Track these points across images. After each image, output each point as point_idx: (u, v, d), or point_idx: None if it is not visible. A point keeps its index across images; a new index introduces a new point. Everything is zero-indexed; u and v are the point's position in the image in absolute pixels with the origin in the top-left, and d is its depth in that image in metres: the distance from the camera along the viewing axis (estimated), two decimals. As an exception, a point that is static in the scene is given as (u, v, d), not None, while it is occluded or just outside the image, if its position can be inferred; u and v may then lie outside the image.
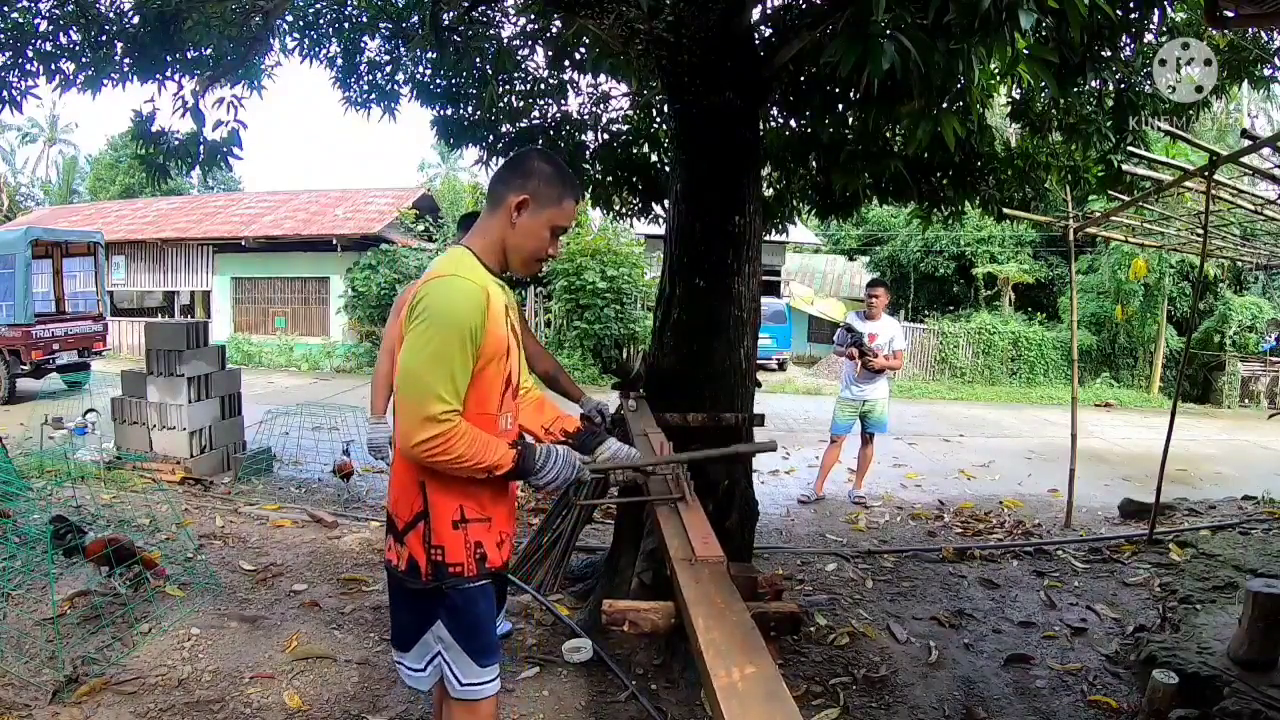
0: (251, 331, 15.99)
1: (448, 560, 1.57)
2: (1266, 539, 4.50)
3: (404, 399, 1.45)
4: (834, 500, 5.70)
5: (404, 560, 1.59)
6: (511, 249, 1.60)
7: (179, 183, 20.85)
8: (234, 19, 3.63)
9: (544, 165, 1.60)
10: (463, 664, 1.63)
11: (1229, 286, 14.64)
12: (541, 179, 1.58)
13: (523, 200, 1.56)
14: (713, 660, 1.09)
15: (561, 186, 1.60)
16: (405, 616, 1.68)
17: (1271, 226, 6.04)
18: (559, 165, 1.63)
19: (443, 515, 1.57)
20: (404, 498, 1.60)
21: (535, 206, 1.57)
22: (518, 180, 1.58)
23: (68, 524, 3.31)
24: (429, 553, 1.57)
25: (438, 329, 1.44)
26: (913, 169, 3.76)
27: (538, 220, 1.58)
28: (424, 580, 1.58)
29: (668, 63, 2.99)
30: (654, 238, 12.46)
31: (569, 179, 1.62)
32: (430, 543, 1.57)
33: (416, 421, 1.43)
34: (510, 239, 1.59)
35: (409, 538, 1.59)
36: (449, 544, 1.57)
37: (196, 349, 5.59)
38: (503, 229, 1.59)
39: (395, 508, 1.62)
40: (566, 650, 2.99)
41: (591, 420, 2.91)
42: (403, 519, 1.60)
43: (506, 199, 1.57)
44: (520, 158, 1.64)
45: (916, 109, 2.36)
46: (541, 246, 1.61)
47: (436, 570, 1.58)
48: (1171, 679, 2.54)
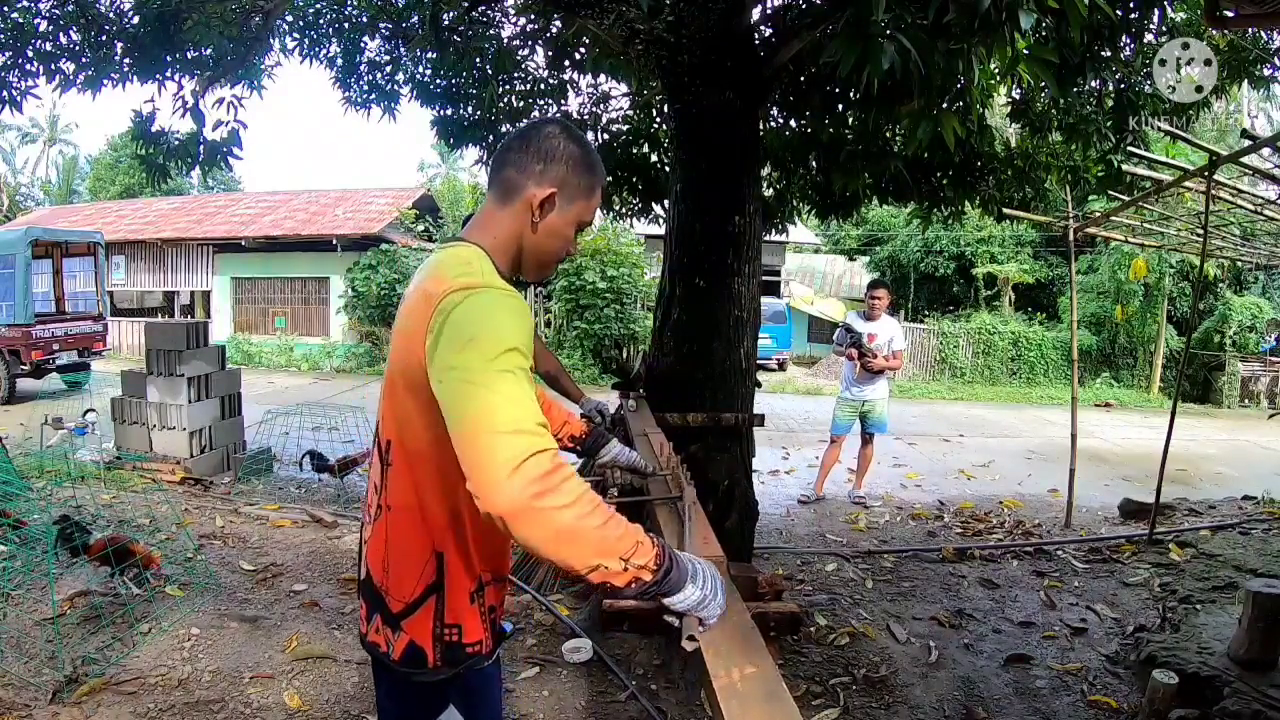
0: (251, 331, 15.98)
1: (465, 640, 1.23)
2: (1266, 539, 4.50)
3: (479, 456, 0.98)
4: (834, 500, 5.70)
5: (399, 649, 1.22)
6: (529, 251, 1.25)
7: (179, 183, 20.85)
8: (234, 19, 3.63)
9: (571, 146, 1.22)
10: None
11: (1229, 286, 14.64)
12: (571, 165, 1.21)
13: (549, 195, 1.20)
14: (712, 660, 1.08)
15: (593, 175, 1.25)
16: (401, 711, 1.31)
17: (1271, 226, 6.04)
18: (586, 144, 1.26)
19: (461, 588, 1.22)
20: (407, 568, 1.21)
21: (563, 202, 1.22)
22: (537, 166, 1.21)
23: (73, 523, 3.32)
24: (441, 634, 1.22)
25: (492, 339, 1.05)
26: (913, 169, 3.76)
27: (565, 218, 1.23)
28: (431, 668, 1.22)
29: (668, 63, 2.99)
30: (654, 238, 12.47)
31: (598, 161, 1.26)
32: (444, 622, 1.22)
33: (505, 472, 0.96)
34: (529, 240, 1.23)
35: (410, 621, 1.22)
36: (467, 621, 1.23)
37: (196, 349, 5.59)
38: (520, 227, 1.22)
39: (389, 582, 1.23)
40: (566, 650, 2.99)
41: (592, 420, 2.91)
42: (402, 598, 1.22)
43: (526, 191, 1.20)
44: (539, 134, 1.23)
45: (916, 109, 2.36)
46: (564, 247, 1.27)
47: (450, 653, 1.22)
48: (1171, 679, 2.54)
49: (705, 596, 1.08)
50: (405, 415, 1.18)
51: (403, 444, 1.20)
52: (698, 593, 1.08)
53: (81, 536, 3.24)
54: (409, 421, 1.17)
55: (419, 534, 1.21)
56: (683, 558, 1.11)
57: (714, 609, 1.09)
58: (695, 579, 1.08)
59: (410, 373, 1.14)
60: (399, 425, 1.20)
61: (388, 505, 1.23)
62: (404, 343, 1.16)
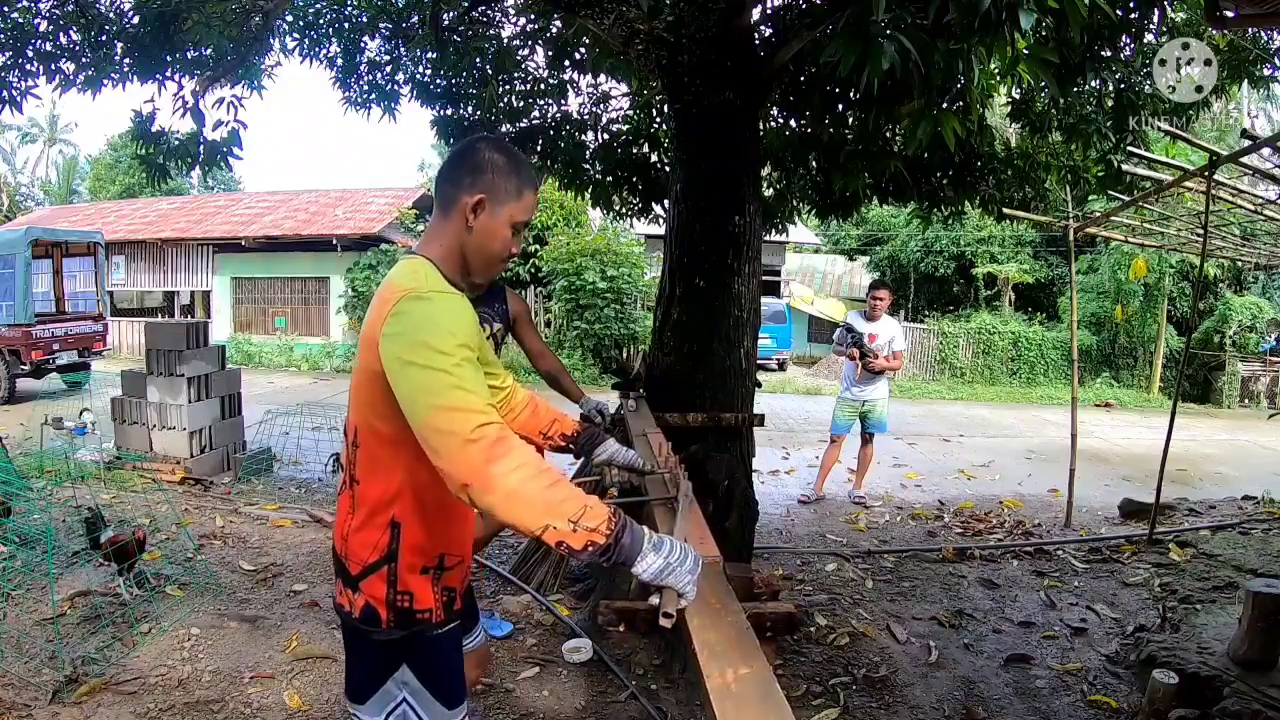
0: (251, 331, 15.98)
1: (416, 607, 1.38)
2: (1266, 539, 4.51)
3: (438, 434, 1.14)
4: (834, 500, 5.70)
5: (359, 608, 1.39)
6: (472, 253, 1.40)
7: (179, 183, 20.87)
8: (234, 19, 3.63)
9: (496, 156, 1.39)
10: (430, 709, 1.45)
11: (1229, 286, 14.64)
12: (495, 172, 1.38)
13: (478, 201, 1.36)
14: (707, 661, 1.08)
15: (519, 177, 1.40)
16: (362, 665, 1.47)
17: (1271, 226, 6.04)
18: (511, 153, 1.43)
19: (413, 559, 1.38)
20: (364, 538, 1.38)
21: (493, 205, 1.38)
22: (468, 178, 1.38)
23: (100, 519, 3.35)
24: (394, 600, 1.37)
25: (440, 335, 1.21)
26: (913, 169, 3.77)
27: (497, 220, 1.39)
28: (385, 628, 1.38)
29: (668, 63, 3.00)
30: (654, 238, 12.47)
31: (524, 166, 1.43)
32: (396, 588, 1.37)
33: (459, 444, 1.12)
34: (469, 243, 1.39)
35: (366, 583, 1.37)
36: (417, 590, 1.38)
37: (196, 349, 5.59)
38: (459, 234, 1.39)
39: (348, 549, 1.40)
40: (566, 650, 2.99)
41: (591, 420, 2.91)
42: (360, 562, 1.38)
43: (459, 200, 1.38)
44: (467, 151, 1.42)
45: (916, 109, 2.36)
46: (505, 247, 1.42)
47: (401, 617, 1.38)
48: (1171, 679, 2.54)
49: (670, 565, 1.14)
50: (368, 405, 1.35)
51: (368, 429, 1.37)
52: (660, 560, 1.14)
53: (104, 531, 3.27)
54: (372, 410, 1.34)
55: (378, 507, 1.37)
56: (644, 529, 1.19)
57: (683, 578, 1.15)
58: (659, 548, 1.15)
59: (370, 368, 1.30)
60: (364, 413, 1.37)
61: (355, 480, 1.41)
62: (365, 344, 1.34)
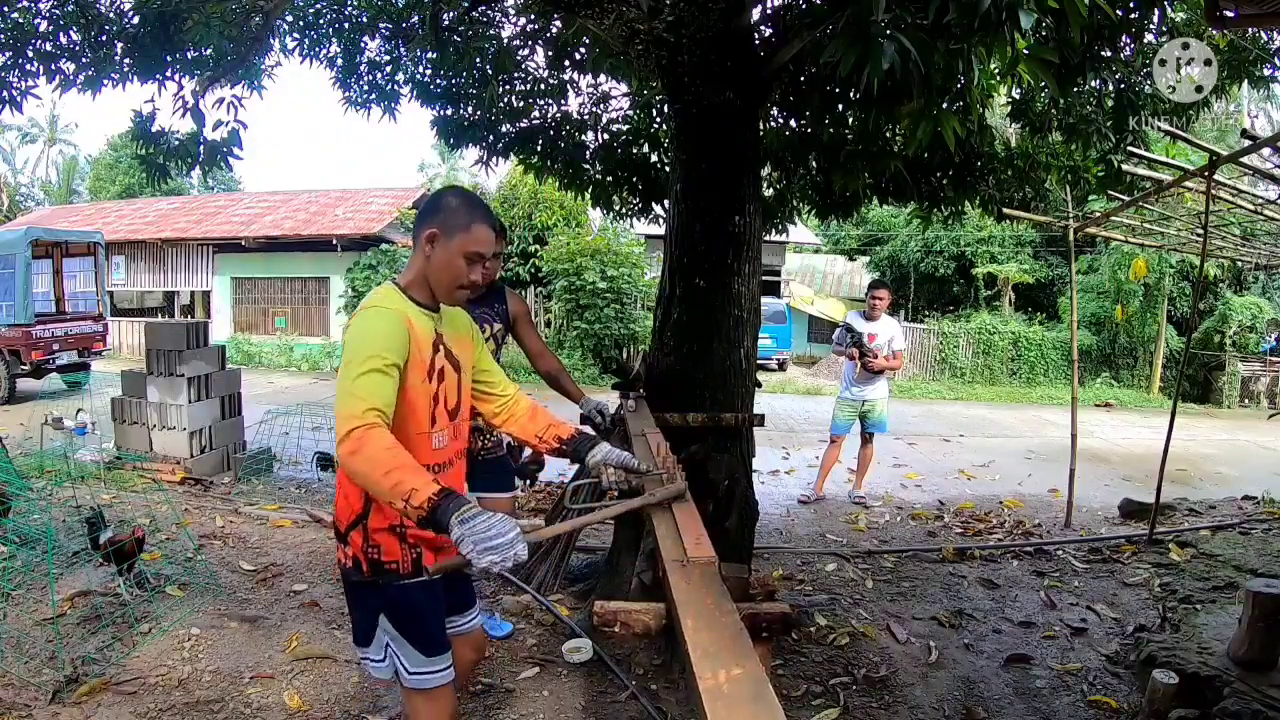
0: (251, 331, 15.98)
1: (384, 559, 1.67)
2: (1266, 539, 4.51)
3: (337, 406, 1.52)
4: (834, 500, 5.70)
5: (349, 558, 1.70)
6: (432, 281, 1.69)
7: (179, 183, 20.84)
8: (234, 19, 3.63)
9: (450, 199, 1.70)
10: (407, 653, 1.71)
11: (1229, 286, 14.64)
12: (447, 211, 1.67)
13: (432, 233, 1.65)
14: (699, 662, 1.09)
15: (468, 214, 1.67)
16: (358, 612, 1.77)
17: (1271, 226, 6.04)
18: (467, 196, 1.74)
19: (382, 521, 1.66)
20: (346, 502, 1.69)
21: (444, 238, 1.65)
22: (427, 217, 1.69)
23: (101, 519, 3.36)
24: (367, 551, 1.67)
25: (359, 349, 1.53)
26: (913, 169, 3.77)
27: (449, 250, 1.65)
28: (365, 575, 1.68)
29: (668, 63, 2.99)
30: (654, 238, 12.47)
31: (478, 207, 1.71)
32: (370, 542, 1.67)
33: (340, 421, 1.49)
34: (429, 270, 1.68)
35: (351, 536, 1.68)
36: (386, 544, 1.67)
37: (196, 349, 5.59)
38: (421, 263, 1.68)
39: (338, 513, 1.73)
40: (566, 650, 2.99)
41: (591, 420, 2.91)
42: (344, 521, 1.69)
43: (420, 236, 1.68)
44: (432, 197, 1.76)
45: (916, 109, 2.35)
46: (459, 274, 1.67)
47: (374, 567, 1.67)
48: (1171, 679, 2.54)
49: (465, 535, 1.34)
50: None
51: None
52: (459, 530, 1.35)
53: (103, 532, 3.28)
54: None
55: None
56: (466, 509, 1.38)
57: (474, 548, 1.33)
58: (465, 522, 1.35)
59: None
60: None
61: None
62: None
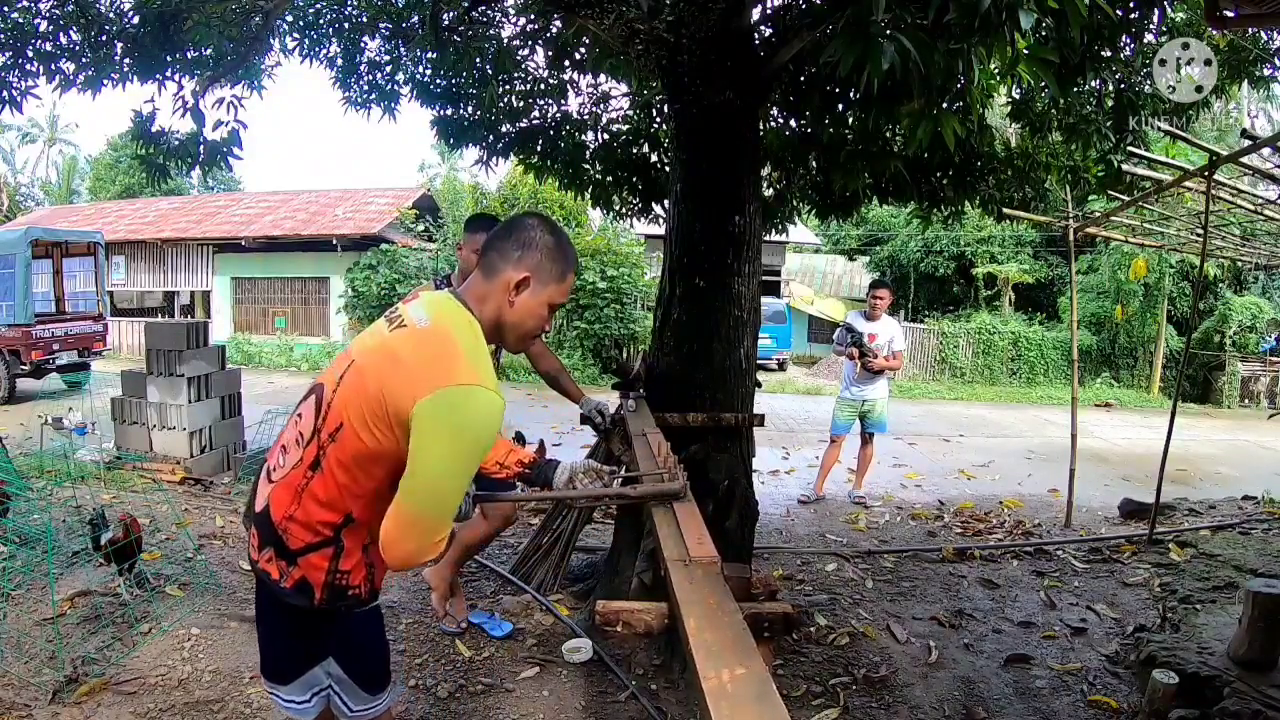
0: (251, 331, 15.98)
1: (350, 584, 1.46)
2: (1266, 539, 4.51)
3: (425, 515, 1.30)
4: (834, 500, 5.70)
5: (292, 580, 1.43)
6: (508, 327, 1.46)
7: (179, 183, 20.85)
8: (234, 19, 3.63)
9: (547, 237, 1.45)
10: (353, 694, 1.57)
11: (1229, 286, 14.64)
12: (544, 254, 1.44)
13: (524, 279, 1.42)
14: (703, 661, 1.09)
15: (564, 262, 1.47)
16: (289, 643, 1.53)
17: (1271, 226, 6.04)
18: (561, 236, 1.49)
19: (357, 545, 1.45)
20: (312, 522, 1.42)
21: (537, 285, 1.43)
22: (516, 252, 1.43)
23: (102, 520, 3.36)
24: (332, 579, 1.44)
25: (473, 452, 1.32)
26: (913, 169, 3.76)
27: (538, 299, 1.44)
28: (316, 603, 1.44)
29: (668, 63, 2.99)
30: (654, 238, 12.47)
31: (570, 251, 1.49)
32: (338, 568, 1.44)
33: (433, 538, 1.32)
34: (508, 317, 1.44)
35: (306, 560, 1.42)
36: (355, 571, 1.46)
37: (196, 349, 5.58)
38: (499, 305, 1.44)
39: (292, 525, 1.42)
40: (566, 650, 2.98)
41: (591, 420, 2.91)
42: (304, 540, 1.42)
43: (504, 274, 1.42)
44: (520, 226, 1.47)
45: (916, 109, 2.35)
46: (540, 325, 1.49)
47: (333, 594, 1.45)
48: (1171, 679, 2.54)
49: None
50: (372, 421, 1.34)
51: (358, 435, 1.36)
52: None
53: (104, 532, 3.28)
54: (375, 430, 1.34)
55: (340, 495, 1.40)
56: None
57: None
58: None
59: (393, 399, 1.32)
60: (362, 419, 1.35)
61: (324, 460, 1.40)
62: (391, 365, 1.35)
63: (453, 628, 3.10)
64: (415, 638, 3.11)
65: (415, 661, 2.92)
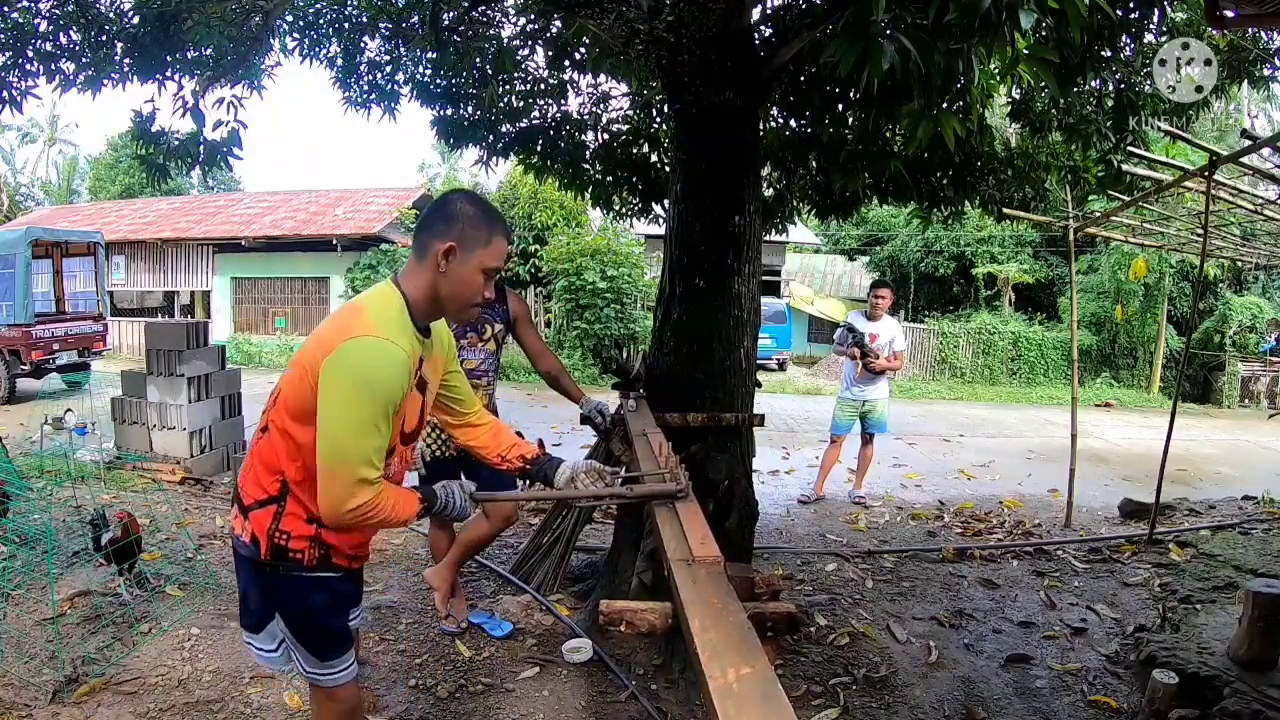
0: (251, 331, 15.99)
1: (290, 546, 1.57)
2: (1266, 539, 4.50)
3: (333, 465, 1.42)
4: (834, 500, 5.70)
5: (248, 534, 1.59)
6: (445, 298, 1.54)
7: (179, 183, 20.85)
8: (234, 19, 3.63)
9: (466, 207, 1.54)
10: (301, 654, 1.66)
11: (1229, 286, 14.65)
12: (464, 221, 1.52)
13: (449, 248, 1.50)
14: (708, 661, 1.09)
15: (489, 226, 1.54)
16: (254, 596, 1.68)
17: (1271, 226, 6.04)
18: (484, 204, 1.58)
19: (297, 511, 1.57)
20: (259, 481, 1.59)
21: (463, 252, 1.51)
22: (441, 226, 1.52)
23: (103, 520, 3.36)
24: (273, 535, 1.57)
25: (367, 397, 1.41)
26: (913, 169, 3.76)
27: (468, 265, 1.52)
28: (263, 557, 1.58)
29: (668, 63, 2.99)
30: (654, 238, 12.46)
31: (495, 217, 1.57)
32: (278, 526, 1.57)
33: (348, 488, 1.42)
34: (443, 288, 1.53)
35: (255, 515, 1.58)
36: (295, 533, 1.57)
37: (196, 349, 5.58)
38: (432, 278, 1.53)
39: (245, 485, 1.62)
40: (566, 650, 2.98)
41: (591, 421, 2.91)
42: (253, 496, 1.59)
43: (432, 247, 1.51)
44: (442, 202, 1.57)
45: (916, 109, 2.35)
46: (476, 291, 1.55)
47: (275, 552, 1.57)
48: (1171, 679, 2.54)
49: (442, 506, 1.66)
50: (299, 391, 1.50)
51: (287, 401, 1.53)
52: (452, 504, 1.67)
53: (105, 533, 3.28)
54: (300, 398, 1.50)
55: (277, 457, 1.56)
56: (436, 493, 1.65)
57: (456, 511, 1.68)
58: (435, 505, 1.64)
59: (310, 366, 1.47)
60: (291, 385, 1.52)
61: (271, 427, 1.58)
62: (314, 338, 1.53)
63: (453, 628, 3.10)
64: (415, 638, 3.10)
65: (415, 661, 2.91)
